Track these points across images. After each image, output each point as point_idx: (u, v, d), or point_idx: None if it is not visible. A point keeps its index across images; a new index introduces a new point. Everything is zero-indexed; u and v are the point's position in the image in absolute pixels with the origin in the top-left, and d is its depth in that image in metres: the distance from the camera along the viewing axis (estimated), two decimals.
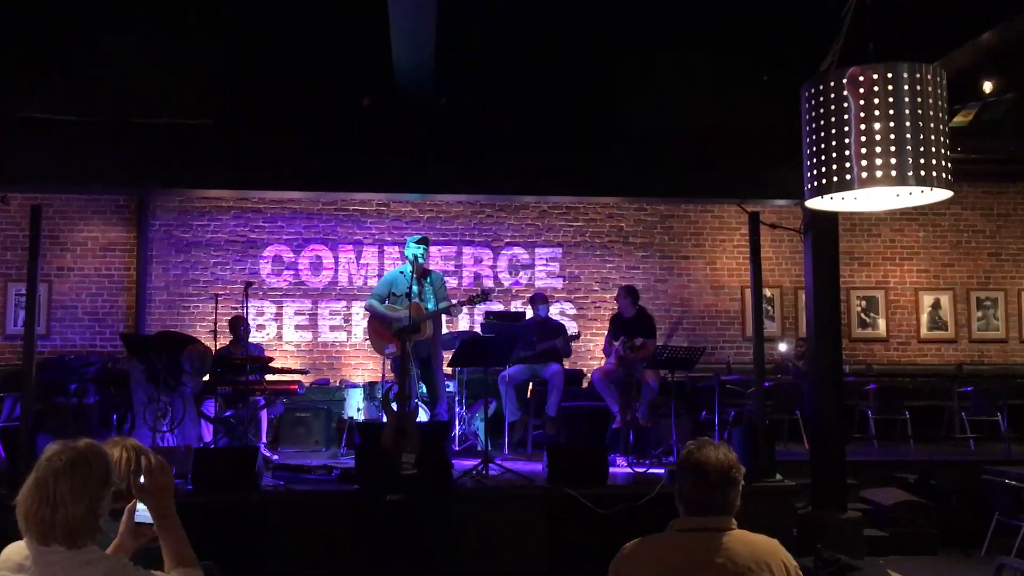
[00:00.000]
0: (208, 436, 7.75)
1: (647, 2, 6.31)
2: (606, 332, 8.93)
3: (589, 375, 9.49)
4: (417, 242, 7.57)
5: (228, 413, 7.83)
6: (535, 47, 6.86)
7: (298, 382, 8.58)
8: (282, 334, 10.66)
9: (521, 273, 11.06)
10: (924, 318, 11.39)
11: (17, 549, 2.35)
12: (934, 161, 2.78)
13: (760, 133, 6.84)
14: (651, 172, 7.02)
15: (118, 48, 6.53)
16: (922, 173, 2.75)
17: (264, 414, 8.23)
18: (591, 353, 10.74)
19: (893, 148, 2.74)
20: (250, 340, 8.73)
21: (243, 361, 7.71)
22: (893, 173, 2.74)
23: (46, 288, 10.05)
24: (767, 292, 10.72)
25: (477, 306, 8.47)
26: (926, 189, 2.95)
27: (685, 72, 6.85)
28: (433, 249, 10.60)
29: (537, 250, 11.09)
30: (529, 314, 9.50)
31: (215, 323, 8.15)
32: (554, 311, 10.39)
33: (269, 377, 8.13)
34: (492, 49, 6.82)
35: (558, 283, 11.06)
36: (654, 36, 6.61)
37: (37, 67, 6.39)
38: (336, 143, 6.77)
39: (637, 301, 8.76)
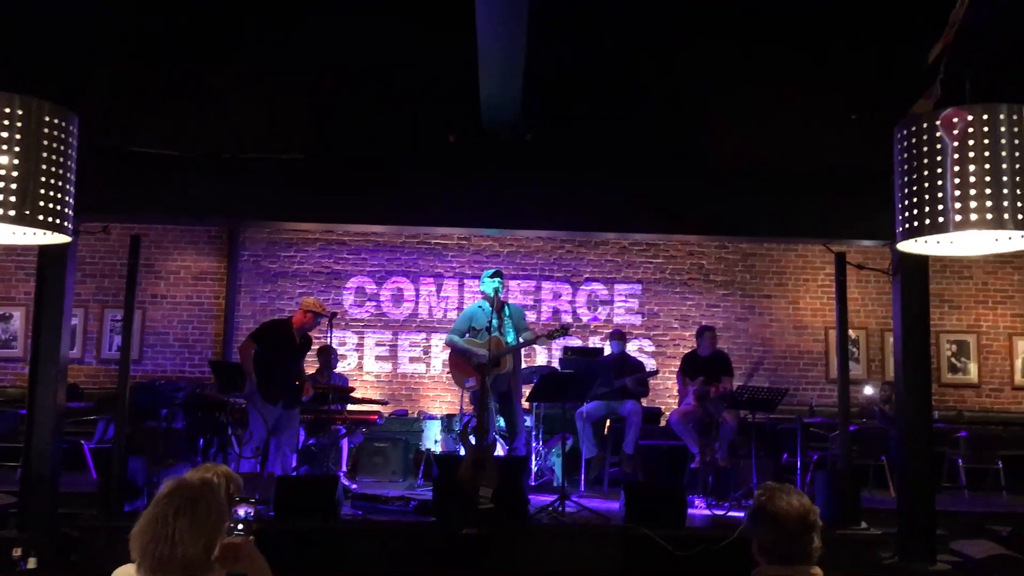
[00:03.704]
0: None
1: (733, 39, 6.28)
2: (677, 372, 8.82)
3: (667, 414, 9.38)
4: (491, 276, 7.63)
5: (310, 441, 7.99)
6: (619, 86, 6.90)
7: (378, 412, 8.72)
8: (363, 364, 10.84)
9: (600, 309, 11.03)
10: (1019, 364, 10.97)
11: (127, 573, 2.40)
12: None
13: (847, 172, 6.74)
14: (736, 210, 6.96)
15: (214, 85, 6.81)
16: (1020, 216, 2.68)
17: (345, 443, 8.37)
18: (669, 391, 10.62)
19: (990, 191, 2.66)
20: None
21: (325, 390, 7.86)
22: (990, 216, 2.66)
23: (140, 315, 10.42)
24: (852, 334, 10.48)
25: (555, 341, 8.47)
26: None
27: (772, 111, 6.80)
28: (512, 283, 10.69)
29: (616, 286, 11.06)
30: (608, 350, 9.47)
31: None
32: (633, 348, 10.33)
33: (350, 407, 8.28)
34: (577, 88, 6.89)
35: (637, 320, 11.00)
36: (741, 74, 6.58)
37: (138, 104, 6.66)
38: (421, 178, 6.89)
39: (716, 342, 8.65)
